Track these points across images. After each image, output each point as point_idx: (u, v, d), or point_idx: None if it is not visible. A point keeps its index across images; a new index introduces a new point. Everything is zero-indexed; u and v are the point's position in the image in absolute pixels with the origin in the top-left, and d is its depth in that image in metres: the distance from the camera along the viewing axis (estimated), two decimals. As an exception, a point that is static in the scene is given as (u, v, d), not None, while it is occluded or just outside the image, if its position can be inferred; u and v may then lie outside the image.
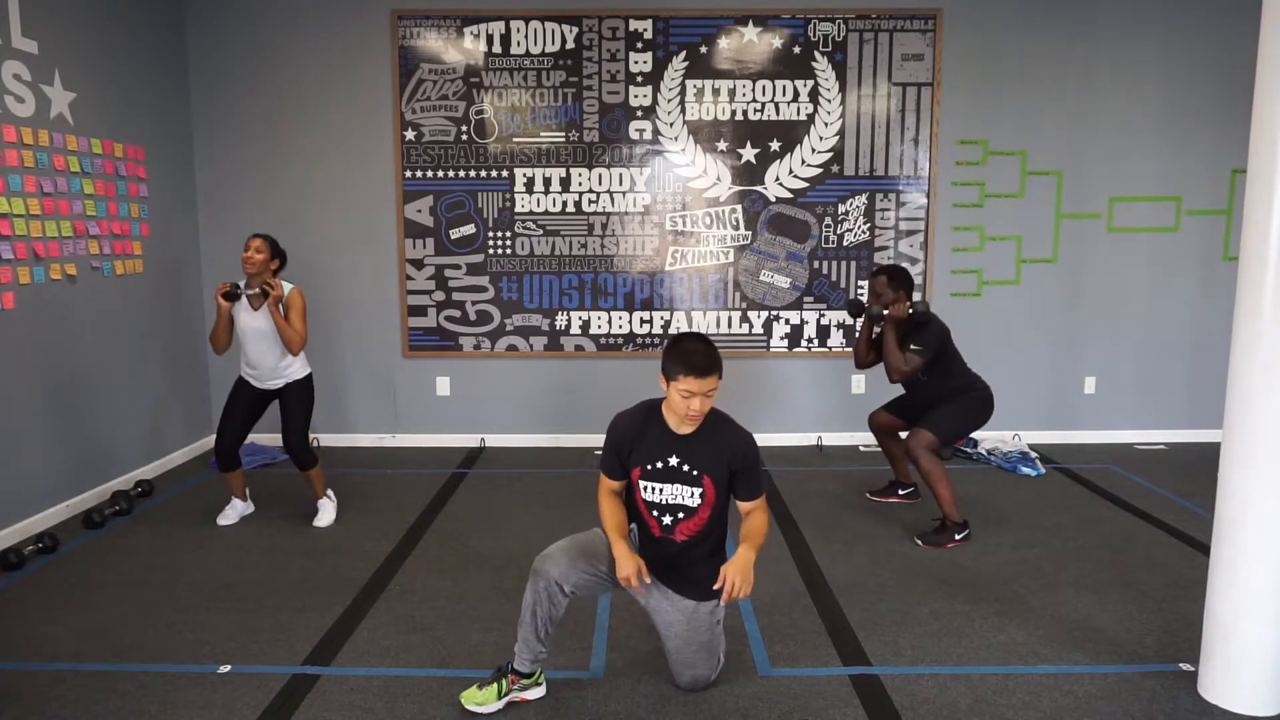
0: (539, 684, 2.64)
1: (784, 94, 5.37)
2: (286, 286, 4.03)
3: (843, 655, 2.90)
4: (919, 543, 3.91)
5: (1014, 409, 5.65)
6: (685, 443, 2.57)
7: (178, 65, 5.27)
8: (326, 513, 4.26)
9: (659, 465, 2.58)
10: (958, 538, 3.89)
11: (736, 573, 2.45)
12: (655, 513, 2.62)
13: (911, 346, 3.94)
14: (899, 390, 4.37)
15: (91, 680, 2.75)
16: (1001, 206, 5.48)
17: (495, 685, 2.55)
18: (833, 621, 3.15)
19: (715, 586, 2.49)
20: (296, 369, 4.14)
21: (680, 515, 2.60)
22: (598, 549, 2.61)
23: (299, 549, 3.87)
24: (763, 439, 5.66)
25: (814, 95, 5.37)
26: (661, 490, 2.58)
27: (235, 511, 4.28)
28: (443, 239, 5.50)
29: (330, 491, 4.35)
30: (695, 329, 5.55)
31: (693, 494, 2.57)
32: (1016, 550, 3.82)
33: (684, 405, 2.48)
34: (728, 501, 2.64)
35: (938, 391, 4.06)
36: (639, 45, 5.32)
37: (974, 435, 5.48)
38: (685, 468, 2.56)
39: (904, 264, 5.49)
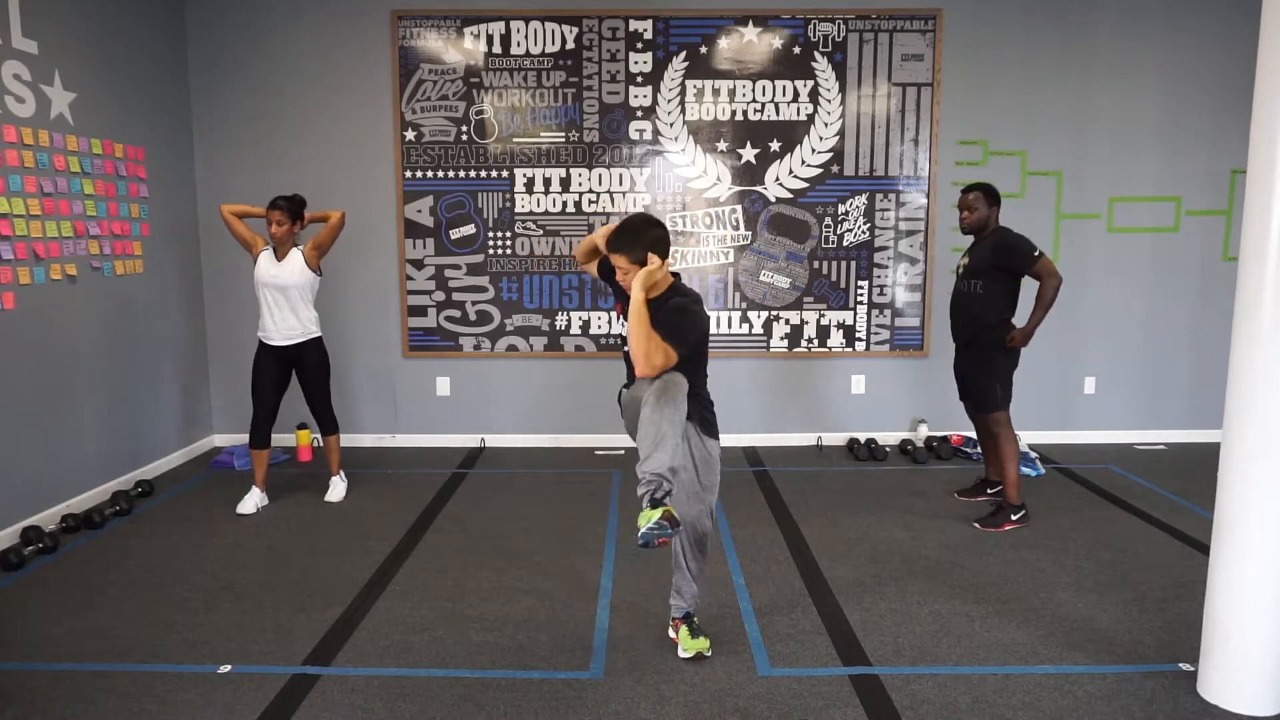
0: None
1: (784, 94, 5.37)
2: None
3: (843, 655, 2.90)
4: (977, 526, 4.10)
5: (1014, 409, 5.62)
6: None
7: (178, 65, 5.28)
8: (336, 489, 4.56)
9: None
10: (1014, 519, 4.08)
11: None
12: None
13: None
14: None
15: (91, 680, 2.75)
16: (1002, 206, 5.46)
17: (703, 633, 2.90)
18: (833, 621, 3.15)
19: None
20: (314, 326, 4.37)
21: None
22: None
23: (299, 549, 3.87)
24: (763, 439, 5.68)
25: (814, 95, 5.37)
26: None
27: (253, 500, 4.33)
28: (443, 239, 5.50)
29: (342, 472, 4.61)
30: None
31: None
32: (1016, 550, 3.82)
33: (620, 272, 2.73)
34: None
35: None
36: (639, 45, 5.32)
37: (974, 436, 5.47)
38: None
39: (904, 264, 5.50)
